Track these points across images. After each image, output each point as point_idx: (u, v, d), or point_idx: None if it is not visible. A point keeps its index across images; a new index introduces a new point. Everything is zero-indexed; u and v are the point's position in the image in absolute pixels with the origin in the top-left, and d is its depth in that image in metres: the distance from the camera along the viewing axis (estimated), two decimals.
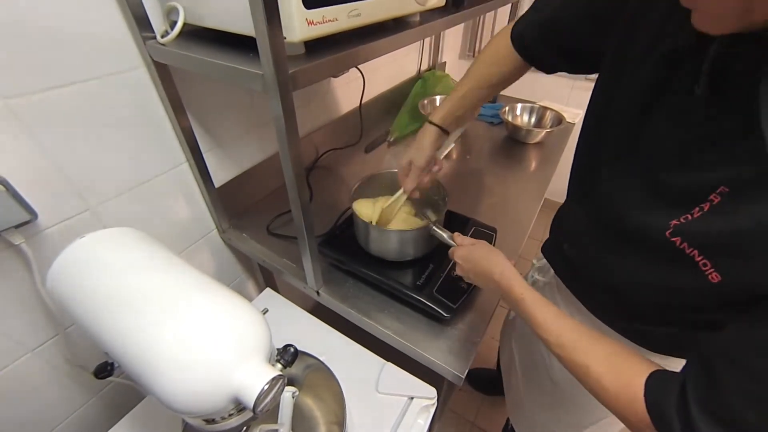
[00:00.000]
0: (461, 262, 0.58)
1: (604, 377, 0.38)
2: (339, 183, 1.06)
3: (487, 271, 0.53)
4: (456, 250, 0.60)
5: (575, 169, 0.55)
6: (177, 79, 0.62)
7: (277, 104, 0.44)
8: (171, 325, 0.33)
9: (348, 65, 0.55)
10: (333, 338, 0.73)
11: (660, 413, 0.34)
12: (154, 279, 0.35)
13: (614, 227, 0.43)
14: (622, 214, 0.41)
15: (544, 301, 0.46)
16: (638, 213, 0.39)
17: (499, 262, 0.53)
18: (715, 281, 0.33)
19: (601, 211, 0.45)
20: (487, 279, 0.53)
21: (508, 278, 0.50)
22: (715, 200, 0.32)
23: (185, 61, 0.53)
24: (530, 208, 0.96)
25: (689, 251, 0.34)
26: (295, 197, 0.55)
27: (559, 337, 0.43)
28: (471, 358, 0.61)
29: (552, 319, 0.44)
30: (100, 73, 0.56)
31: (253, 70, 0.44)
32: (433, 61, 1.63)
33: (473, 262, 0.56)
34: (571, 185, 0.57)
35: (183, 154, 0.72)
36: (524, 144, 1.25)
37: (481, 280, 0.56)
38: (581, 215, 0.51)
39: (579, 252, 0.54)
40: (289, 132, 0.48)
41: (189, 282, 0.36)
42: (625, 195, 0.41)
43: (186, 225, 0.79)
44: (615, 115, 0.43)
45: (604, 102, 0.46)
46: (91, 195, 0.61)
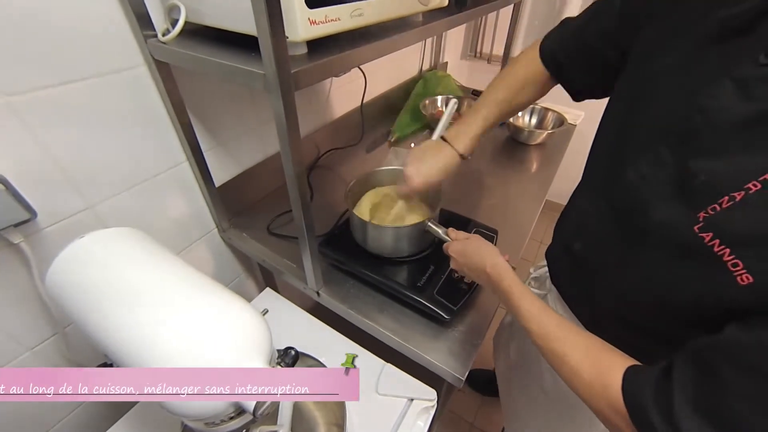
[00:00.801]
0: (455, 256, 0.58)
1: (581, 366, 0.38)
2: (340, 183, 1.06)
3: (479, 263, 0.53)
4: (450, 245, 0.60)
5: (594, 160, 0.52)
6: (178, 77, 0.62)
7: (278, 104, 0.44)
8: (170, 327, 0.33)
9: (350, 65, 0.55)
10: (333, 339, 0.73)
11: (638, 405, 0.33)
12: (152, 280, 0.35)
13: (636, 222, 0.40)
14: (645, 207, 0.38)
15: (532, 294, 0.47)
16: (664, 206, 0.36)
17: (490, 255, 0.53)
18: (745, 283, 0.30)
19: (623, 203, 0.43)
20: (478, 273, 0.54)
21: (498, 271, 0.50)
22: (753, 189, 0.29)
23: (186, 59, 0.53)
24: (531, 210, 0.96)
25: (719, 249, 0.31)
26: (296, 197, 0.54)
27: (541, 327, 0.43)
28: (471, 360, 0.61)
29: (537, 311, 0.44)
30: (101, 71, 0.55)
31: (255, 70, 0.44)
32: (435, 61, 1.62)
33: (467, 255, 0.56)
34: (588, 177, 0.54)
35: (183, 152, 0.72)
36: (526, 145, 1.25)
37: (474, 273, 0.56)
38: (599, 210, 0.48)
39: (592, 251, 0.50)
40: (291, 132, 0.48)
41: (188, 283, 0.36)
42: (651, 186, 0.38)
43: (186, 224, 0.79)
44: (650, 97, 0.40)
45: (637, 86, 0.43)
46: (91, 194, 0.60)
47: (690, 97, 0.35)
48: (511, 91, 0.63)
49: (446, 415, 1.34)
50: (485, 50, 1.92)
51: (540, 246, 2.02)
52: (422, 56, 1.51)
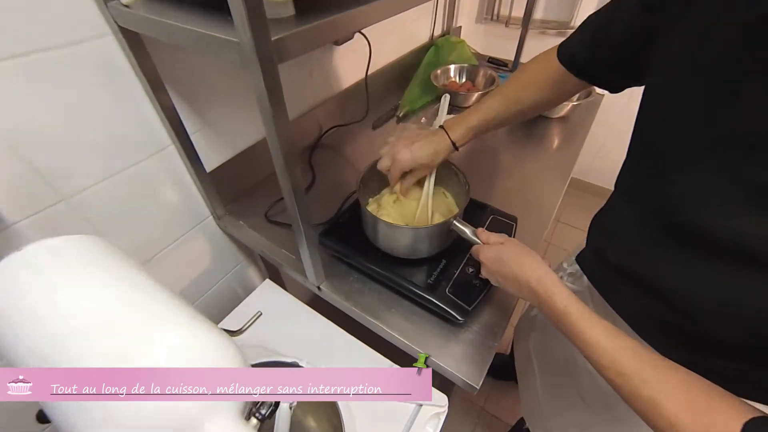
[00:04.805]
0: (489, 264, 0.51)
1: (681, 418, 0.30)
2: (344, 163, 0.98)
3: (520, 276, 0.46)
4: (482, 250, 0.53)
5: (631, 164, 0.45)
6: (152, 49, 0.54)
7: (258, 80, 0.36)
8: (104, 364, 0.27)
9: (348, 29, 0.46)
10: (335, 336, 0.68)
11: None
12: (103, 310, 0.29)
13: (689, 236, 0.35)
14: (701, 221, 0.33)
15: (594, 315, 0.39)
16: (725, 218, 0.31)
17: (535, 266, 0.45)
18: None
19: (670, 216, 0.36)
20: (519, 285, 0.46)
21: (547, 287, 0.43)
22: None
23: (153, 27, 0.44)
24: (554, 190, 0.87)
25: None
26: (288, 188, 0.48)
27: (615, 362, 0.35)
28: (487, 364, 0.56)
29: (605, 339, 0.36)
30: (61, 42, 0.48)
31: (227, 37, 0.36)
32: (448, 26, 1.48)
33: (503, 263, 0.48)
34: (624, 183, 0.47)
35: (168, 136, 0.65)
36: (547, 119, 1.14)
37: (512, 285, 0.48)
38: (640, 218, 0.41)
39: (633, 265, 0.44)
40: (276, 114, 0.40)
41: (147, 313, 0.30)
42: (707, 195, 0.32)
43: (177, 212, 0.73)
44: (695, 93, 0.34)
45: (677, 81, 0.36)
46: (65, 185, 0.54)
47: (735, 88, 0.30)
48: (520, 85, 0.58)
49: (455, 398, 1.32)
50: (503, 12, 1.76)
51: (568, 229, 1.92)
52: (433, 20, 1.37)
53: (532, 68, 0.58)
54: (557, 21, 1.67)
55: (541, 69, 0.56)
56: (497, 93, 0.60)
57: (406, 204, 0.68)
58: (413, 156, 0.59)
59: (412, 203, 0.67)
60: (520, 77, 0.59)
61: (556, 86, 0.56)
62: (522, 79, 0.59)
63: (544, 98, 0.58)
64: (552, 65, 0.55)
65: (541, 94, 0.57)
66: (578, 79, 0.53)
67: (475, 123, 0.60)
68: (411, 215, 0.66)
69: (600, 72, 0.51)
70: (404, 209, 0.67)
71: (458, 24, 1.57)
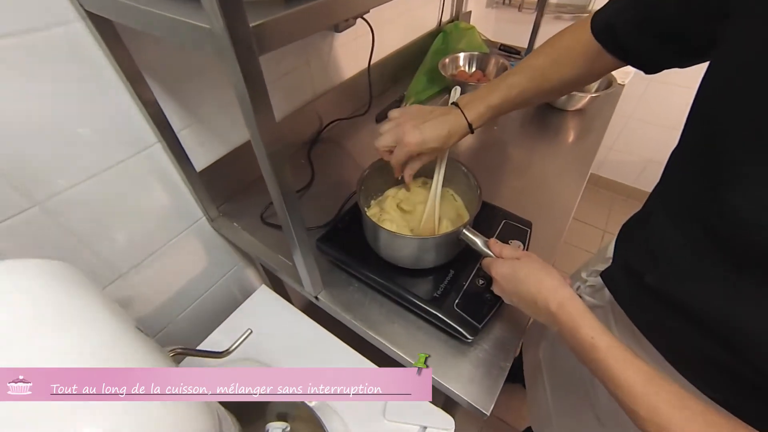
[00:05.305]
0: (502, 282, 0.46)
1: None
2: (346, 159, 0.92)
3: (538, 297, 0.40)
4: (494, 265, 0.47)
5: (681, 166, 0.38)
6: (126, 38, 0.49)
7: (236, 72, 0.31)
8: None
9: (346, 14, 0.40)
10: (333, 348, 0.63)
11: None
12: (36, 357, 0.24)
13: (760, 261, 0.29)
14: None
15: (627, 351, 0.34)
16: None
17: (555, 287, 0.40)
18: None
19: (735, 235, 0.30)
20: (537, 308, 0.41)
21: (571, 313, 0.37)
22: None
23: (122, 12, 0.39)
24: (571, 191, 0.81)
25: None
26: (276, 193, 0.43)
27: (655, 413, 0.30)
28: (498, 387, 0.51)
29: (642, 383, 0.31)
30: (24, 27, 0.42)
31: (197, 23, 0.30)
32: (456, 11, 1.40)
33: (519, 281, 0.43)
34: (670, 191, 0.41)
35: (153, 133, 0.60)
36: (562, 111, 1.07)
37: (528, 306, 0.43)
38: (692, 238, 0.35)
39: (679, 293, 0.37)
40: (258, 111, 0.35)
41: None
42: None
43: (167, 215, 0.69)
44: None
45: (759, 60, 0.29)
46: (37, 187, 0.50)
47: None
48: (548, 58, 0.50)
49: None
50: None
51: (587, 229, 1.83)
52: (441, 5, 1.29)
53: (564, 39, 0.50)
54: (574, 5, 1.57)
55: (575, 40, 0.49)
56: (522, 68, 0.52)
57: (410, 208, 0.62)
58: (424, 138, 0.51)
59: (418, 207, 0.62)
60: (549, 50, 0.51)
61: (588, 62, 0.48)
62: (551, 52, 0.50)
63: (575, 76, 0.50)
64: (587, 37, 0.47)
65: (572, 71, 0.49)
66: (611, 55, 0.46)
67: (497, 102, 0.52)
68: (416, 220, 0.60)
69: (644, 47, 0.43)
70: (409, 213, 0.62)
71: (468, 9, 1.48)
